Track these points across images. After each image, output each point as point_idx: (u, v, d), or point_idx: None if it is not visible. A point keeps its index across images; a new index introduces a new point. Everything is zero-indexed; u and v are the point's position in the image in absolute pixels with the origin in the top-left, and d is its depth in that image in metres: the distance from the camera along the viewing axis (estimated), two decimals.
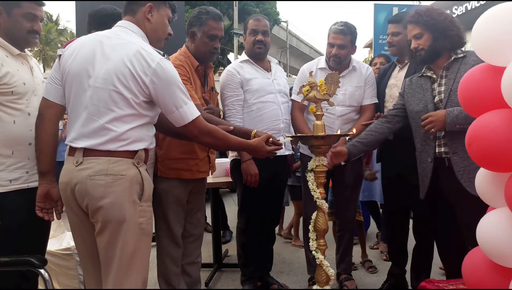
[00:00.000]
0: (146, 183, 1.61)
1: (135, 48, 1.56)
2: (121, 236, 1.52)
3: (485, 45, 1.56)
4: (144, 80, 1.55)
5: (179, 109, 1.62)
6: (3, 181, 1.75)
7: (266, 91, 2.63)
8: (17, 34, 1.84)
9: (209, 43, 2.27)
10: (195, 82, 2.29)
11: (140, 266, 1.58)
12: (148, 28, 1.72)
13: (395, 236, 2.79)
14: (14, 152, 1.79)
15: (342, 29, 2.62)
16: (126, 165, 1.55)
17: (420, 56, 2.21)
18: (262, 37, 2.62)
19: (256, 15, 2.72)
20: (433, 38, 2.15)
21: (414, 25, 2.20)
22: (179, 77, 1.65)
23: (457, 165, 2.09)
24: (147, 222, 1.61)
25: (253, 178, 2.50)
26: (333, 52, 2.65)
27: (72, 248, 2.58)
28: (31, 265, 1.50)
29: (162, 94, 1.58)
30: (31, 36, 1.87)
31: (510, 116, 1.46)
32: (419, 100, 2.26)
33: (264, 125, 2.57)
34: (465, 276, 1.75)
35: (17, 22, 1.82)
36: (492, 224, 1.58)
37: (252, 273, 2.77)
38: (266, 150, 1.92)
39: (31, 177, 1.84)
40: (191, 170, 2.27)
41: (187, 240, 2.40)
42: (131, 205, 1.54)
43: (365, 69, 2.79)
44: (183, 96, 1.63)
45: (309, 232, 2.11)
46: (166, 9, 1.76)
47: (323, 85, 2.05)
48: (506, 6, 1.49)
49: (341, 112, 2.67)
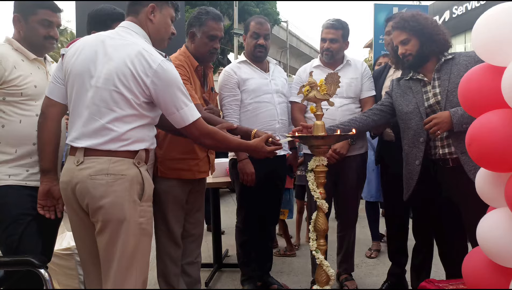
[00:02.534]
0: (146, 183, 1.61)
1: (137, 49, 1.57)
2: (121, 235, 1.52)
3: (485, 45, 1.56)
4: (145, 81, 1.55)
5: (180, 111, 1.62)
6: (2, 175, 1.81)
7: (262, 91, 2.64)
8: (34, 40, 1.93)
9: (208, 44, 2.27)
10: (194, 82, 2.29)
11: (140, 266, 1.58)
12: (150, 29, 1.72)
13: (395, 236, 2.79)
14: (18, 151, 1.85)
15: (333, 24, 2.69)
16: (126, 165, 1.55)
17: (408, 62, 2.22)
18: (263, 41, 2.64)
19: (258, 17, 2.72)
20: (421, 43, 2.16)
21: (400, 31, 2.20)
22: (180, 78, 1.65)
23: (468, 165, 2.06)
24: (148, 222, 1.61)
25: (249, 177, 2.51)
26: (325, 46, 2.70)
27: (72, 248, 2.58)
28: (31, 265, 1.50)
29: (162, 96, 1.59)
30: (48, 41, 1.96)
31: (510, 116, 1.46)
32: (408, 101, 2.27)
33: (260, 125, 2.57)
34: (465, 276, 1.75)
35: (33, 29, 1.91)
36: (492, 224, 1.58)
37: (252, 273, 2.77)
38: (265, 150, 1.91)
39: (31, 176, 1.87)
40: (192, 170, 2.27)
41: (186, 240, 2.39)
42: (131, 205, 1.54)
43: (360, 64, 2.84)
44: (184, 98, 1.63)
45: (309, 232, 2.11)
46: (168, 9, 1.76)
47: (323, 85, 2.05)
48: (506, 6, 1.49)
49: (340, 103, 2.65)
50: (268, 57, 2.80)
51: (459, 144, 2.09)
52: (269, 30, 2.68)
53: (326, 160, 2.07)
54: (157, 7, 1.72)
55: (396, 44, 2.23)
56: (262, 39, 2.64)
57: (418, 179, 2.23)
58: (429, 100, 2.20)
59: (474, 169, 2.05)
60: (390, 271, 2.83)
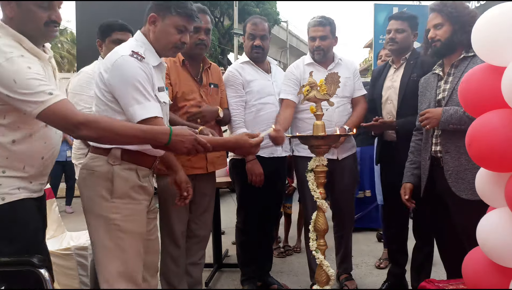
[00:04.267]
0: (117, 180, 1.65)
1: (114, 50, 1.69)
2: (92, 227, 1.67)
3: (485, 45, 1.56)
4: (104, 77, 1.63)
5: (129, 108, 1.60)
6: (11, 189, 1.51)
7: (266, 93, 2.65)
8: (31, 26, 1.50)
9: (193, 36, 2.20)
10: (179, 77, 2.29)
11: (119, 259, 1.63)
12: (151, 38, 1.76)
13: (395, 236, 2.79)
14: (26, 167, 1.56)
15: (320, 21, 2.66)
16: (100, 162, 1.66)
17: (435, 48, 2.15)
18: (259, 42, 2.63)
19: (254, 18, 2.71)
20: (453, 31, 2.08)
21: (436, 14, 2.13)
22: (139, 77, 1.61)
23: (447, 165, 2.09)
24: (125, 219, 1.64)
25: (258, 178, 2.51)
26: (316, 44, 2.67)
27: (72, 248, 2.58)
28: (31, 265, 1.50)
29: (117, 91, 1.62)
30: (49, 28, 1.54)
31: (510, 116, 1.46)
32: (426, 98, 2.26)
33: (262, 126, 2.56)
34: (465, 276, 1.75)
35: (29, 13, 1.49)
36: (492, 224, 1.58)
37: (252, 273, 2.77)
38: (250, 144, 1.72)
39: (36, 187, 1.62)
40: (185, 166, 2.24)
41: (191, 241, 2.41)
42: (99, 199, 1.64)
43: (351, 63, 2.86)
44: (137, 96, 1.60)
45: (309, 232, 2.11)
46: (172, 18, 1.72)
47: (323, 85, 2.05)
48: (506, 6, 1.49)
49: (336, 103, 2.62)
50: (268, 57, 2.81)
51: (446, 143, 2.10)
52: (265, 30, 2.66)
53: (326, 160, 2.07)
54: (159, 17, 1.73)
55: (429, 27, 2.17)
56: (258, 39, 2.63)
57: (428, 174, 2.22)
58: (438, 96, 2.18)
59: (452, 170, 2.07)
60: (390, 271, 2.83)
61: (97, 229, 1.65)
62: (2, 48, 1.41)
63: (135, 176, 1.70)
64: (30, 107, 1.40)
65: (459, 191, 2.04)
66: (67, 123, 1.43)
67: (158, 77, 1.78)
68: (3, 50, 1.41)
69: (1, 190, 1.47)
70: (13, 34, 1.48)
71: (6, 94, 1.39)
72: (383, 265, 3.34)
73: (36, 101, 1.39)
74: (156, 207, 1.96)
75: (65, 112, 1.42)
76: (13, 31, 1.48)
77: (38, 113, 1.40)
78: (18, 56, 1.42)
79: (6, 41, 1.44)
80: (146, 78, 1.63)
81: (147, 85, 1.63)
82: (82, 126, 1.43)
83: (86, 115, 1.51)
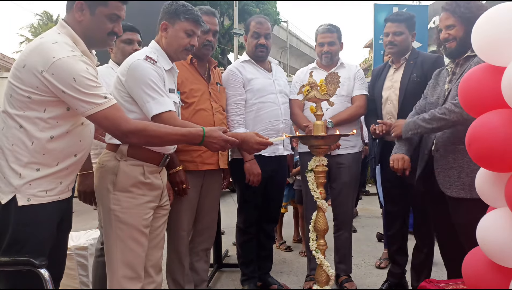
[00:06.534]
0: (121, 174, 1.76)
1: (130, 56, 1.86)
2: (102, 217, 1.81)
3: (485, 45, 1.56)
4: (122, 80, 1.80)
5: (145, 104, 1.78)
6: (39, 191, 1.50)
7: (267, 91, 2.65)
8: (97, 34, 1.61)
9: (201, 36, 2.25)
10: (186, 75, 2.31)
11: (119, 248, 1.74)
12: (163, 44, 1.95)
13: (395, 236, 2.79)
14: (59, 164, 1.55)
15: (329, 28, 2.83)
16: (109, 157, 1.80)
17: (450, 49, 2.13)
18: (264, 40, 2.65)
19: (258, 17, 2.73)
20: (466, 32, 2.01)
21: (449, 14, 2.10)
22: (152, 76, 1.78)
23: (437, 163, 2.12)
24: (123, 211, 1.75)
25: (255, 178, 2.52)
26: (325, 50, 2.83)
27: (72, 248, 2.59)
28: (31, 265, 1.50)
29: (133, 90, 1.79)
30: (110, 38, 1.66)
31: (510, 116, 1.46)
32: (435, 91, 2.26)
33: (263, 125, 2.58)
34: (465, 276, 1.75)
35: (99, 22, 1.59)
36: (492, 224, 1.58)
37: (252, 273, 2.77)
38: (256, 140, 1.81)
39: (64, 187, 1.60)
40: (195, 161, 2.28)
41: (198, 239, 2.43)
42: (105, 191, 1.77)
43: (354, 67, 2.92)
44: (151, 92, 1.77)
45: (309, 232, 2.11)
46: (181, 23, 1.91)
47: (323, 85, 2.05)
48: (506, 6, 1.49)
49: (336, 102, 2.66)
50: (269, 57, 2.81)
51: (438, 142, 2.13)
52: (269, 30, 2.69)
53: (326, 160, 2.07)
54: (169, 23, 1.92)
55: (441, 28, 2.15)
56: (263, 38, 2.65)
57: (424, 166, 2.23)
58: (446, 92, 2.18)
59: (441, 168, 2.10)
60: (390, 271, 2.83)
61: (104, 219, 1.79)
62: (66, 45, 1.47)
63: (139, 172, 1.79)
64: (84, 107, 1.45)
65: (445, 188, 2.07)
66: (117, 130, 1.53)
67: (170, 80, 1.94)
68: (67, 47, 1.47)
69: (30, 191, 1.47)
70: (72, 35, 1.55)
71: (61, 89, 1.42)
72: (383, 265, 3.35)
73: (90, 102, 1.45)
74: (168, 205, 2.00)
75: (117, 119, 1.51)
76: (72, 32, 1.55)
77: (90, 114, 1.46)
78: (79, 55, 1.50)
79: (67, 40, 1.52)
80: (159, 77, 1.81)
81: (159, 83, 1.80)
82: (131, 134, 1.55)
83: (135, 124, 1.58)
